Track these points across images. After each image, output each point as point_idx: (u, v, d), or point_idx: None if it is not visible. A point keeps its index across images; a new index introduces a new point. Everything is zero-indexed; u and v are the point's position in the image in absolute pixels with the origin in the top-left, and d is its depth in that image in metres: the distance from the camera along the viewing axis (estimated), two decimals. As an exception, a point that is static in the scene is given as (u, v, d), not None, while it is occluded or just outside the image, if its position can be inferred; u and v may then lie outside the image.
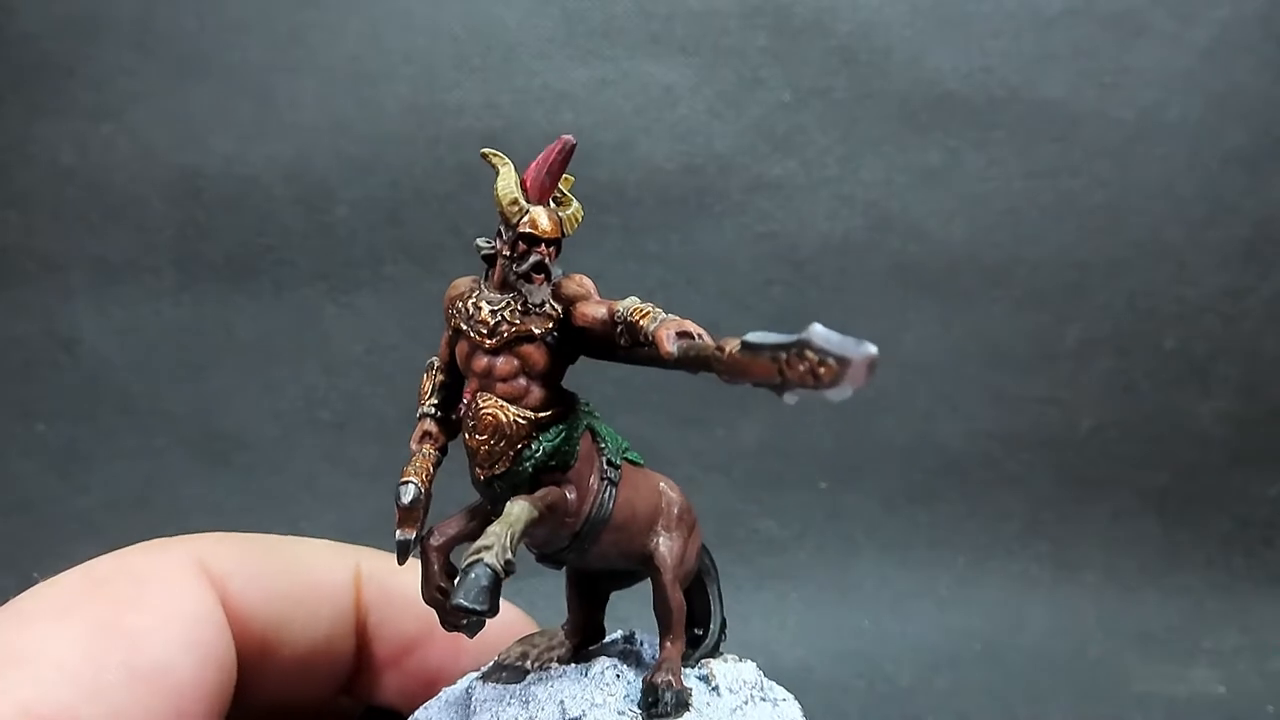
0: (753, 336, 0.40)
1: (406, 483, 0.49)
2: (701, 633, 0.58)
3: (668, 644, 0.52)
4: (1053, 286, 1.31)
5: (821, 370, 0.38)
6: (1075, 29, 1.32)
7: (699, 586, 0.58)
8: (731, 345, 0.42)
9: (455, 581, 0.45)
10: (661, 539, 0.53)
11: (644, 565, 0.54)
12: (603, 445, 0.51)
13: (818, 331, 0.38)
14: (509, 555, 0.45)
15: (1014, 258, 1.31)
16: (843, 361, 0.37)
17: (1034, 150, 1.32)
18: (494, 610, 0.44)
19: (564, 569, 0.56)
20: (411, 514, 0.49)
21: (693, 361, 0.44)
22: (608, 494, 0.51)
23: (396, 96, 1.29)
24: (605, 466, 0.51)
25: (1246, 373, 1.32)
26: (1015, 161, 1.32)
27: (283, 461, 1.29)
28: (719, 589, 0.60)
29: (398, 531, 0.49)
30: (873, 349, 0.38)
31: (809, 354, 0.38)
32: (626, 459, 0.53)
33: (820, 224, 1.31)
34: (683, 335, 0.44)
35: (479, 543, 0.46)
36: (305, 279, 1.30)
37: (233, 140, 1.29)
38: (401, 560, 0.50)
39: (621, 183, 1.25)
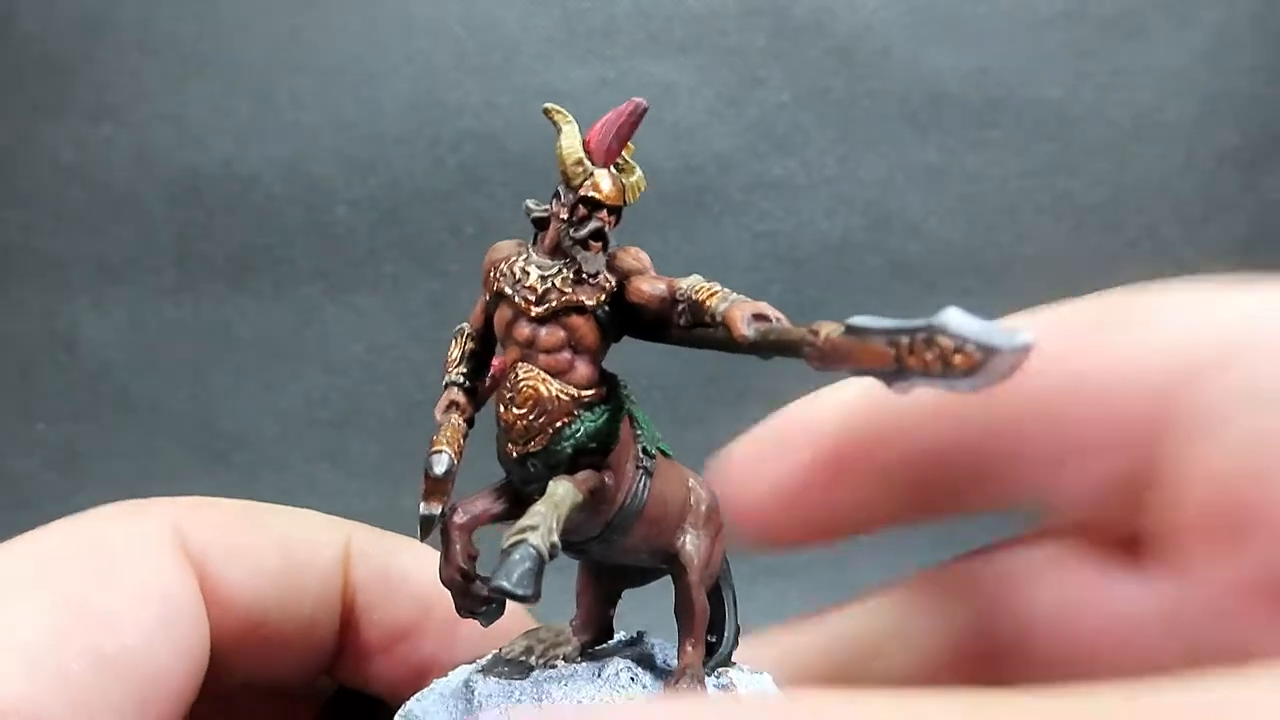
0: (860, 320, 0.36)
1: (439, 452, 0.45)
2: (715, 639, 0.54)
3: (688, 649, 0.49)
4: (1051, 285, 1.31)
5: (957, 359, 0.33)
6: (1072, 30, 1.32)
7: (714, 590, 0.54)
8: (829, 329, 0.37)
9: (497, 562, 0.41)
10: (689, 536, 0.49)
11: (670, 563, 0.50)
12: (639, 432, 0.47)
13: (954, 316, 0.33)
14: (554, 538, 0.41)
15: (1012, 256, 1.31)
16: (988, 351, 0.32)
17: (1032, 150, 1.32)
18: (537, 595, 0.41)
19: (578, 562, 0.52)
20: (441, 486, 0.44)
21: (772, 346, 0.40)
22: (642, 483, 0.47)
23: (396, 96, 1.29)
24: (641, 455, 0.47)
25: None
26: (1013, 161, 1.32)
27: (283, 461, 1.29)
28: (734, 594, 0.56)
29: (423, 504, 0.44)
30: (1028, 338, 0.32)
31: (942, 340, 0.33)
32: (659, 449, 0.49)
33: (819, 223, 1.31)
34: (759, 318, 0.40)
35: (523, 522, 0.42)
36: (305, 279, 1.30)
37: (233, 140, 1.29)
38: (424, 536, 0.45)
39: (621, 182, 1.26)
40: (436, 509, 0.44)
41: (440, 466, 0.44)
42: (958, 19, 1.31)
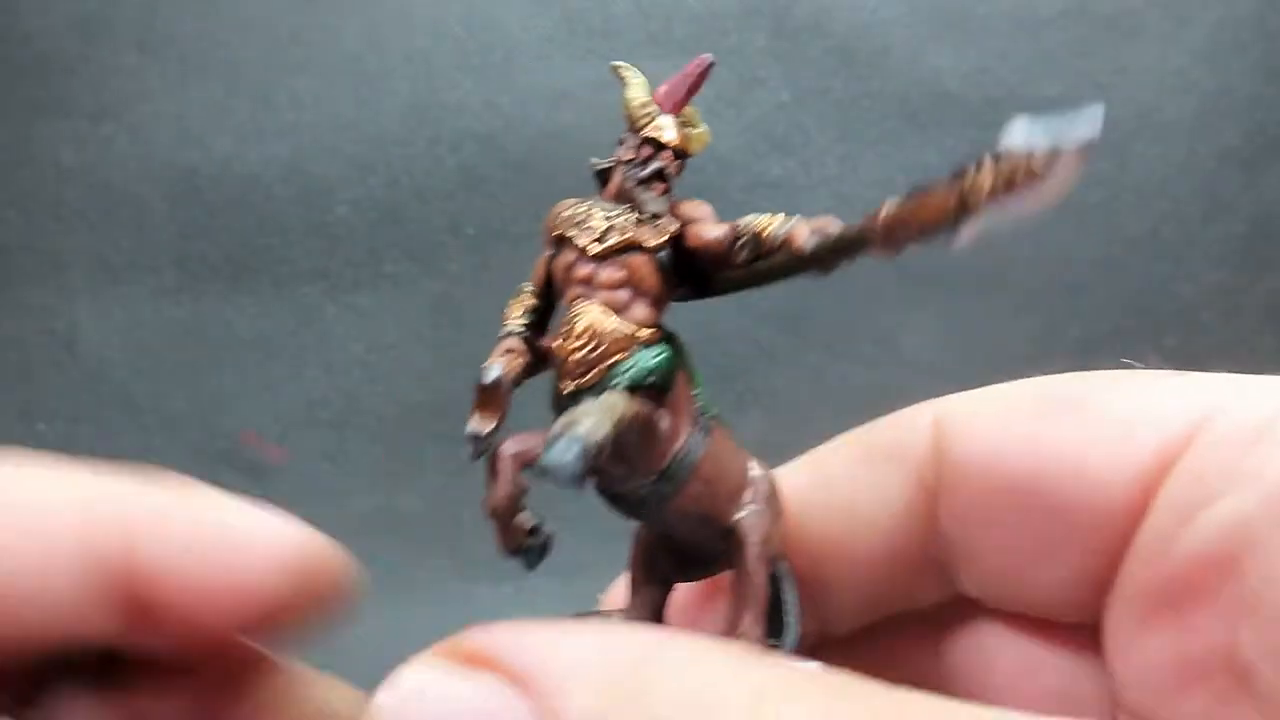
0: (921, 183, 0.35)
1: (491, 365, 0.42)
2: (775, 642, 0.49)
3: (746, 618, 0.45)
4: (1052, 285, 1.31)
5: (1019, 175, 0.32)
6: (1072, 29, 1.32)
7: (773, 592, 0.50)
8: (888, 203, 0.36)
9: (542, 448, 0.39)
10: (750, 508, 0.46)
11: (726, 540, 0.46)
12: (697, 391, 0.46)
13: (1020, 127, 0.32)
14: (605, 433, 0.38)
15: (1012, 256, 1.31)
16: (1052, 154, 0.31)
17: (1032, 150, 1.32)
18: (582, 482, 0.38)
19: (629, 547, 0.49)
20: (492, 398, 0.41)
21: (834, 250, 0.39)
22: (697, 440, 0.45)
23: (396, 96, 1.29)
24: (698, 414, 0.45)
25: (1247, 371, 1.32)
26: (1013, 161, 1.32)
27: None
28: (796, 597, 0.51)
29: (473, 419, 0.42)
30: (1086, 131, 0.31)
31: (1005, 161, 0.32)
32: (716, 418, 0.47)
33: (819, 223, 1.31)
34: (818, 231, 0.41)
35: (570, 415, 0.39)
36: (305, 278, 1.30)
37: (233, 140, 1.29)
38: (474, 458, 0.42)
39: (621, 182, 1.26)
40: (486, 426, 0.42)
41: (489, 375, 0.42)
42: (958, 19, 1.31)
